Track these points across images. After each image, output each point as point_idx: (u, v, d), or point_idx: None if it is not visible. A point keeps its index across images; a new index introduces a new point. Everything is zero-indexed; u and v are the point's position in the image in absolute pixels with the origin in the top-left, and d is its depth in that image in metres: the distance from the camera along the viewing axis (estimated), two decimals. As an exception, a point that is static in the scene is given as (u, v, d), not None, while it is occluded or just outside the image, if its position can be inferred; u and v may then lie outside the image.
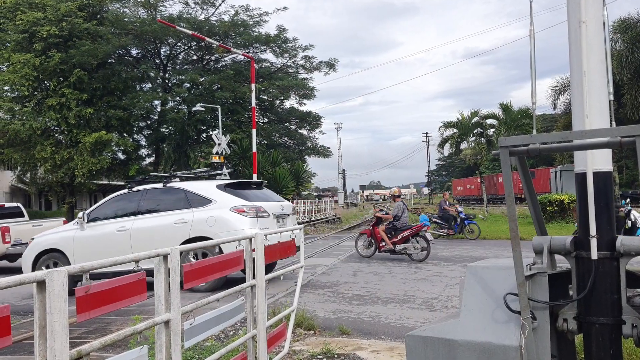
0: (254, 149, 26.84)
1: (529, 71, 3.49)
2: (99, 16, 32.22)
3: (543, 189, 39.56)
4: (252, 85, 25.74)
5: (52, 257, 10.75)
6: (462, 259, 13.75)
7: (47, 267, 10.50)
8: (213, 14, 34.26)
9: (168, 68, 36.15)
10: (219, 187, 10.21)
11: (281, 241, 5.18)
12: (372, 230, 14.51)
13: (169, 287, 3.03)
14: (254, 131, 26.50)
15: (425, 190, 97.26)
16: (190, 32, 27.39)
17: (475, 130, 35.34)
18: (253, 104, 26.06)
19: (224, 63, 36.66)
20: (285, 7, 35.05)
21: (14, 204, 18.68)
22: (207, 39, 26.50)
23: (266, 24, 40.06)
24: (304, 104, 39.57)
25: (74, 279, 9.28)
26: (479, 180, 48.61)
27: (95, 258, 3.19)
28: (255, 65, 36.25)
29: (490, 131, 34.44)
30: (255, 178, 27.06)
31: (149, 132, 36.54)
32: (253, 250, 4.33)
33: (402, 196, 14.36)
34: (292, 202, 30.97)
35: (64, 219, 19.19)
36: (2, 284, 2.02)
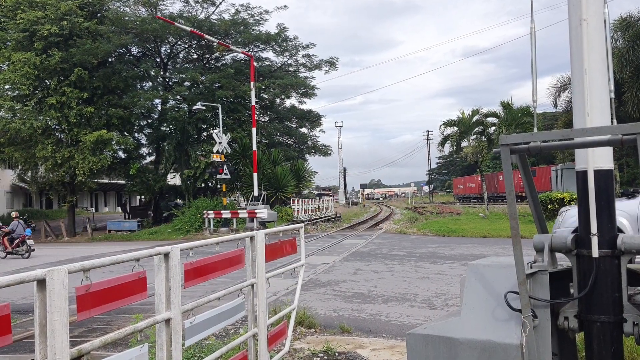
0: (254, 148, 26.84)
1: (529, 69, 3.48)
2: (99, 15, 32.23)
3: (544, 187, 39.53)
4: (252, 83, 25.69)
5: None
6: (463, 257, 13.75)
7: None
8: (213, 12, 34.28)
9: (168, 67, 36.15)
10: None
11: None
12: (2, 239, 20.77)
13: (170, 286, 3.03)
14: (253, 130, 26.50)
15: (426, 188, 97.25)
16: (189, 28, 27.37)
17: (476, 129, 35.27)
18: (253, 103, 26.05)
19: (224, 62, 36.67)
20: (285, 6, 35.11)
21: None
22: (205, 36, 26.49)
23: (266, 22, 40.06)
24: (305, 102, 39.65)
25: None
26: (479, 178, 48.58)
27: None
28: (255, 63, 36.31)
29: (491, 129, 34.39)
30: (255, 176, 27.11)
31: (149, 131, 36.57)
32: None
33: (17, 217, 21.23)
34: (293, 200, 31.02)
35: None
36: (3, 282, 2.02)
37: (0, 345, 2.01)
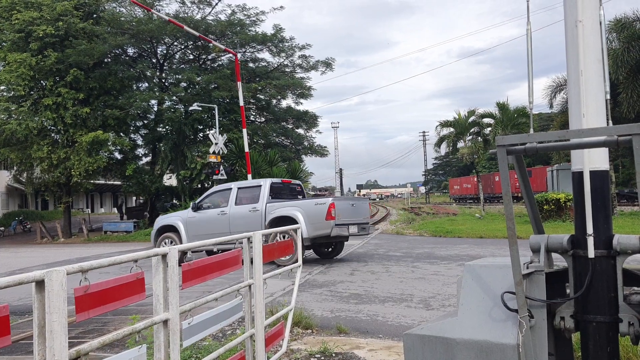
0: (247, 149, 26.71)
1: (525, 70, 3.50)
2: (95, 15, 32.19)
3: (540, 188, 39.61)
4: (239, 83, 25.47)
5: None
6: (459, 258, 13.78)
7: None
8: (209, 13, 34.26)
9: (165, 67, 36.10)
10: None
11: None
12: None
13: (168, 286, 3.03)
14: (244, 131, 26.38)
15: (422, 189, 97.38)
16: (167, 17, 27.26)
17: (472, 130, 35.40)
18: (241, 103, 25.87)
19: (220, 62, 36.65)
20: (281, 7, 35.13)
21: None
22: (185, 27, 26.24)
23: (263, 23, 40.03)
24: (301, 103, 39.61)
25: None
26: (475, 179, 48.69)
27: None
28: (251, 64, 36.26)
29: (487, 130, 34.51)
30: (250, 178, 27.04)
31: (145, 132, 36.50)
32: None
33: None
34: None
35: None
36: (1, 283, 2.02)
37: (0, 346, 2.01)
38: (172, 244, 14.52)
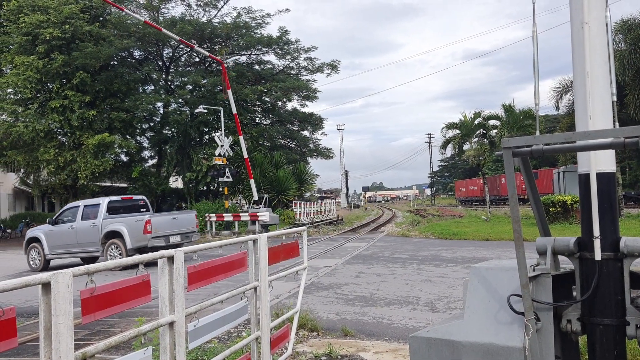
0: (245, 155, 26.61)
1: (531, 72, 3.49)
2: (101, 18, 32.35)
3: (546, 190, 39.47)
4: (229, 91, 25.25)
5: None
6: (466, 260, 13.73)
7: None
8: (215, 15, 34.38)
9: (170, 70, 36.23)
10: None
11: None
12: None
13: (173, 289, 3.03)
14: (241, 138, 26.29)
15: (428, 191, 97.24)
16: (143, 19, 27.35)
17: (478, 131, 35.25)
18: (234, 111, 25.70)
19: (226, 65, 36.76)
20: (287, 9, 35.31)
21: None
22: (163, 29, 26.22)
23: (268, 25, 40.14)
24: (306, 105, 39.68)
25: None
26: (481, 181, 48.53)
27: None
28: (257, 66, 36.30)
29: (493, 132, 34.36)
30: (252, 182, 27.02)
31: (151, 134, 36.65)
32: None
33: None
34: (295, 203, 31.03)
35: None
36: (8, 286, 2.03)
37: (6, 347, 2.02)
38: (38, 253, 17.02)
